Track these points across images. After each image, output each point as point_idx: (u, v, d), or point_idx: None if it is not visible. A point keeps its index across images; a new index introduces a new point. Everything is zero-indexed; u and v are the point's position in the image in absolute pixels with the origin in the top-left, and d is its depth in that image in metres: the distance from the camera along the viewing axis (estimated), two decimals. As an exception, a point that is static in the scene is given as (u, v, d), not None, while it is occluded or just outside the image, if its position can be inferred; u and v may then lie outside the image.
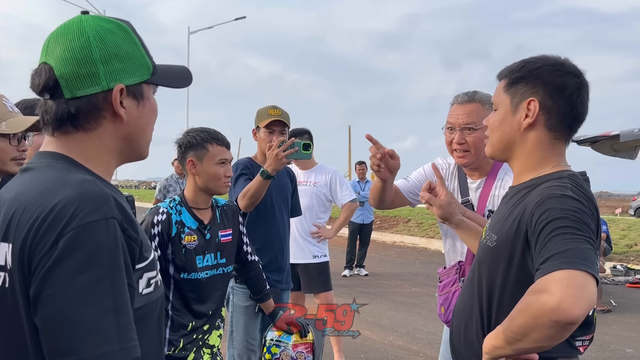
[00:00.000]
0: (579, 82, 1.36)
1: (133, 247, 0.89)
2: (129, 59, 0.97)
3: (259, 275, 2.40)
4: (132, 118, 0.98)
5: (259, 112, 2.90)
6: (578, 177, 1.32)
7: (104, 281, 0.81)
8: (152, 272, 0.96)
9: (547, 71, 1.35)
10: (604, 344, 5.19)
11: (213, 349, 2.15)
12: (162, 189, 6.68)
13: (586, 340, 1.41)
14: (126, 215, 0.89)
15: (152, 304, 0.97)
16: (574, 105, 1.35)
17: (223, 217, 2.23)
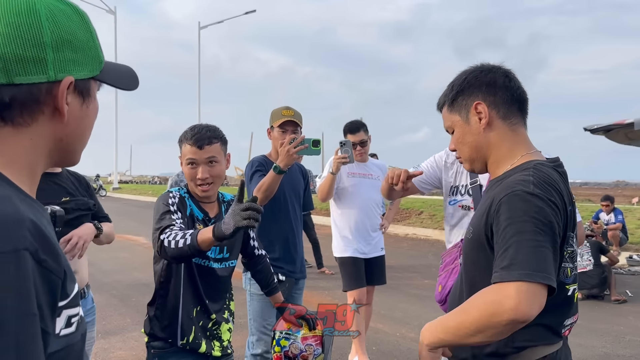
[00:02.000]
0: (503, 72, 1.46)
1: (53, 282, 0.71)
2: (82, 49, 0.82)
3: (266, 269, 2.41)
4: (74, 118, 0.83)
5: (273, 113, 3.10)
6: (544, 166, 1.35)
7: (5, 332, 0.63)
8: (74, 308, 0.78)
9: (473, 77, 1.46)
10: (619, 334, 5.14)
11: (223, 343, 2.17)
12: (173, 184, 6.71)
13: (574, 323, 1.44)
14: (44, 241, 0.71)
15: (74, 347, 0.79)
16: (512, 90, 1.44)
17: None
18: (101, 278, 7.51)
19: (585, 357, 4.53)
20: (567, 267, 1.34)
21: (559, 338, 1.38)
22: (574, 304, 1.41)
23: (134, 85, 0.96)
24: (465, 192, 2.33)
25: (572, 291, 1.38)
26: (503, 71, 1.46)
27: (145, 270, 7.85)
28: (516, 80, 1.46)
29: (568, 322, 1.41)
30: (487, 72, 1.46)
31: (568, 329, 1.43)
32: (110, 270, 8.12)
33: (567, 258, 1.34)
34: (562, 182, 1.34)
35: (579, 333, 5.18)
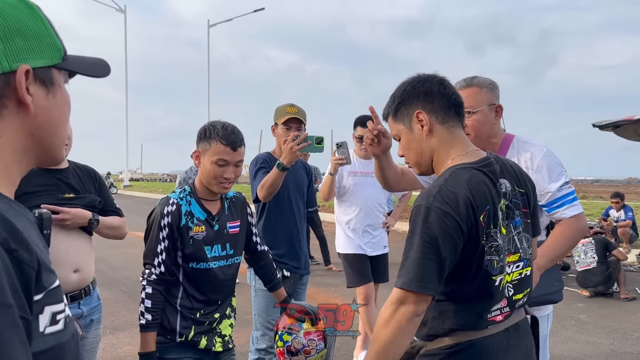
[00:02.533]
0: (438, 80, 1.58)
1: (26, 272, 0.69)
2: (34, 36, 0.80)
3: (269, 264, 2.43)
4: (41, 109, 0.80)
5: (277, 110, 3.12)
6: (463, 170, 1.47)
7: None
8: (58, 305, 0.75)
9: (411, 87, 1.58)
10: (627, 332, 5.12)
11: (225, 338, 2.19)
12: (182, 181, 6.74)
13: (504, 308, 1.51)
14: (13, 231, 0.69)
15: (65, 345, 0.76)
16: (448, 96, 1.55)
17: (231, 208, 2.25)
18: (111, 274, 7.58)
19: (593, 354, 4.51)
20: (493, 260, 1.45)
21: (486, 323, 1.48)
22: (499, 292, 1.49)
23: (105, 72, 0.93)
24: None
25: (499, 281, 1.48)
26: (438, 79, 1.58)
27: (154, 267, 7.90)
28: (450, 87, 1.58)
29: (495, 308, 1.49)
30: (423, 82, 1.58)
31: (498, 314, 1.50)
32: (120, 267, 8.19)
33: (493, 252, 1.45)
34: (483, 183, 1.45)
35: (586, 330, 5.16)
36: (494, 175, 1.50)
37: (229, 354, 2.23)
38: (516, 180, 1.57)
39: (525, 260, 1.56)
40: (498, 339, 1.50)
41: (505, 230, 1.49)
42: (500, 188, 1.50)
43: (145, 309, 2.00)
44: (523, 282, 1.56)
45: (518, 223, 1.54)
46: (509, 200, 1.51)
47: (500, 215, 1.47)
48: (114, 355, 4.40)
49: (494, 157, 1.56)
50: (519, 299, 1.55)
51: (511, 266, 1.52)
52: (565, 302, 6.26)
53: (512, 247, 1.52)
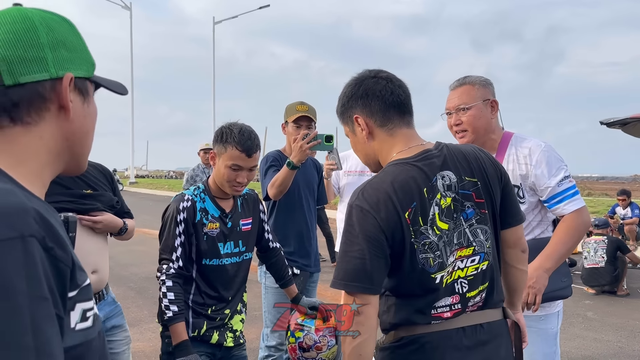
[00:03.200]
0: (375, 81, 1.54)
1: (62, 270, 0.73)
2: (75, 49, 0.89)
3: (280, 261, 2.45)
4: (77, 116, 0.88)
5: (287, 108, 3.13)
6: (396, 166, 1.47)
7: (19, 315, 0.64)
8: (88, 302, 0.79)
9: (350, 90, 1.57)
10: (634, 329, 5.11)
11: (236, 333, 2.22)
12: (189, 179, 6.77)
13: (454, 305, 1.47)
14: (52, 231, 0.73)
15: (92, 342, 0.80)
16: (385, 97, 1.52)
17: (244, 206, 2.27)
18: (119, 271, 7.63)
19: (600, 352, 4.52)
20: (429, 258, 1.44)
21: (429, 319, 1.46)
22: (443, 289, 1.46)
23: (124, 91, 1.02)
24: None
25: (440, 278, 1.45)
26: (374, 80, 1.54)
27: (162, 264, 7.95)
28: (389, 87, 1.53)
29: (441, 304, 1.46)
30: (361, 83, 1.55)
31: (446, 311, 1.46)
32: (128, 263, 8.24)
33: (426, 249, 1.43)
34: (411, 179, 1.44)
35: (594, 327, 5.17)
36: (430, 169, 1.46)
37: (240, 349, 2.26)
38: (466, 170, 1.50)
39: (482, 254, 1.49)
40: (446, 336, 1.45)
41: (446, 225, 1.45)
42: (437, 182, 1.46)
43: (169, 301, 2.02)
44: (479, 278, 1.49)
45: (470, 215, 1.48)
46: (454, 192, 1.47)
47: (434, 211, 1.44)
48: (123, 351, 4.43)
49: (439, 149, 1.52)
50: (473, 296, 1.48)
51: (464, 260, 1.47)
52: (572, 299, 6.25)
53: (464, 240, 1.47)
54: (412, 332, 1.47)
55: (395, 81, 1.55)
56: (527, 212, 2.16)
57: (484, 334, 1.48)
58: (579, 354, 4.44)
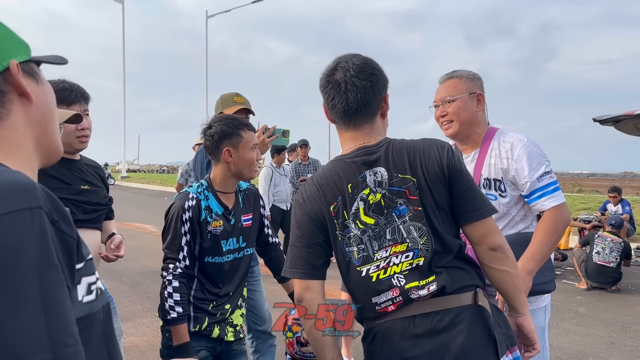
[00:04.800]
0: (326, 79, 1.58)
1: (68, 243, 0.75)
2: (6, 38, 0.87)
3: (279, 256, 2.46)
4: (38, 97, 0.89)
5: (223, 99, 3.08)
6: (332, 162, 1.58)
7: (28, 280, 0.66)
8: (92, 276, 0.82)
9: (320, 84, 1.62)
10: (626, 325, 5.17)
11: (236, 328, 2.22)
12: (183, 173, 6.78)
13: (395, 298, 1.49)
14: (57, 206, 0.75)
15: (96, 315, 0.82)
16: (331, 105, 1.58)
17: (245, 201, 2.28)
18: (112, 266, 7.54)
19: (592, 347, 4.56)
20: (353, 251, 1.51)
21: (376, 314, 1.51)
22: (374, 282, 1.50)
23: (64, 61, 1.00)
24: None
25: (365, 271, 1.50)
26: (327, 79, 1.58)
27: (154, 258, 7.93)
28: (337, 97, 1.55)
29: (382, 299, 1.50)
30: (322, 80, 1.59)
31: (389, 304, 1.49)
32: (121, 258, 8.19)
33: (351, 242, 1.51)
34: (338, 175, 1.54)
35: (585, 323, 5.21)
36: (360, 166, 1.52)
37: (240, 343, 2.26)
38: (399, 168, 1.51)
39: (416, 250, 1.48)
40: (392, 326, 1.49)
41: (372, 220, 1.50)
42: (367, 178, 1.51)
43: (174, 302, 2.02)
44: (417, 273, 1.48)
45: (403, 212, 1.50)
46: (384, 188, 1.50)
47: (358, 206, 1.50)
48: (117, 346, 4.42)
49: (380, 145, 1.54)
50: (415, 287, 1.47)
51: (399, 256, 1.49)
52: (564, 294, 6.32)
53: (399, 236, 1.49)
54: (368, 325, 1.57)
55: (355, 82, 1.53)
56: (509, 206, 2.17)
57: (439, 322, 1.45)
58: (571, 349, 4.48)
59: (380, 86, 1.56)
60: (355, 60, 1.55)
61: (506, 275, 1.55)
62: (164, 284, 2.06)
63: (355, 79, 1.52)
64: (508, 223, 2.19)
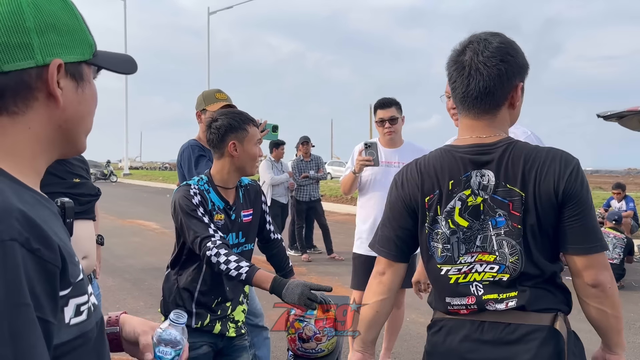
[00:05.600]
0: (453, 59, 1.47)
1: (50, 271, 0.70)
2: (68, 32, 0.81)
3: (281, 252, 2.45)
4: (70, 102, 0.82)
5: (205, 96, 3.04)
6: (430, 154, 1.54)
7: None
8: (82, 297, 0.78)
9: (448, 61, 1.52)
10: (629, 321, 5.15)
11: (238, 323, 2.22)
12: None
13: (470, 305, 1.45)
14: (37, 231, 0.69)
15: (88, 334, 0.79)
16: (455, 89, 1.47)
17: (246, 197, 2.26)
18: (114, 262, 7.61)
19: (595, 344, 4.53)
20: (437, 248, 1.48)
21: (445, 309, 1.51)
22: (453, 287, 1.46)
23: (132, 69, 0.95)
24: None
25: (445, 271, 1.47)
26: (453, 61, 1.48)
27: (157, 255, 7.94)
28: (465, 80, 1.43)
29: (456, 302, 1.46)
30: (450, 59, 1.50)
31: (463, 309, 1.46)
32: (123, 255, 8.22)
33: (437, 239, 1.47)
34: (442, 168, 1.46)
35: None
36: (469, 164, 1.42)
37: (241, 339, 2.26)
38: (511, 178, 1.39)
39: (502, 266, 1.41)
40: (460, 325, 1.47)
41: (466, 223, 1.43)
42: (471, 178, 1.42)
43: (236, 266, 1.93)
44: (497, 286, 1.42)
45: (500, 224, 1.40)
46: (487, 194, 1.41)
47: (454, 205, 1.43)
48: (120, 342, 4.42)
49: (498, 146, 1.42)
50: (493, 299, 1.42)
51: (483, 265, 1.43)
52: (568, 291, 6.29)
53: (489, 246, 1.42)
54: (437, 315, 1.57)
55: (481, 68, 1.40)
56: None
57: (508, 334, 1.40)
58: (575, 346, 4.47)
59: (512, 74, 1.40)
60: (489, 41, 1.40)
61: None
62: (217, 263, 1.94)
63: (482, 65, 1.38)
64: None
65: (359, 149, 3.45)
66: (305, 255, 8.11)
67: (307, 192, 8.13)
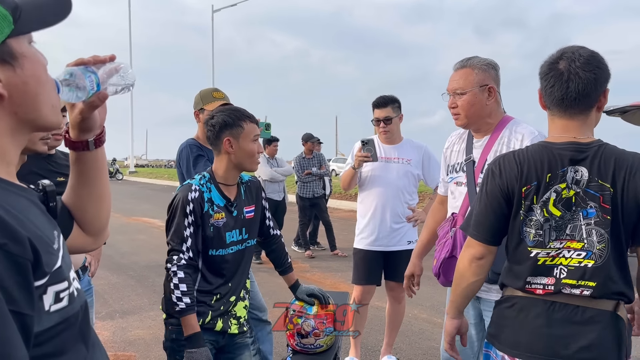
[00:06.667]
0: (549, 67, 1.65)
1: (20, 264, 0.69)
2: None
3: (280, 248, 2.46)
4: (14, 88, 0.77)
5: (202, 95, 3.07)
6: (528, 148, 1.68)
7: None
8: (61, 284, 0.77)
9: (542, 66, 1.68)
10: (632, 316, 5.14)
11: (240, 320, 2.22)
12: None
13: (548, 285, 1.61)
14: (4, 227, 0.69)
15: (70, 320, 0.79)
16: (553, 91, 1.63)
17: (247, 193, 2.28)
18: (119, 260, 7.66)
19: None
20: (530, 233, 1.63)
21: (522, 287, 1.66)
22: (539, 267, 1.63)
23: (65, 12, 0.84)
24: (460, 169, 2.37)
25: (535, 254, 1.63)
26: (557, 72, 1.62)
27: (161, 252, 7.94)
28: (563, 84, 1.60)
29: (539, 281, 1.63)
30: (551, 66, 1.63)
31: (540, 288, 1.63)
32: (128, 252, 8.26)
33: (531, 225, 1.63)
34: (541, 162, 1.61)
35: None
36: (561, 160, 1.60)
37: (243, 336, 2.26)
38: (603, 175, 1.57)
39: (590, 252, 1.59)
40: (534, 303, 1.63)
41: (559, 212, 1.60)
42: (564, 173, 1.59)
43: (181, 293, 2.01)
44: (582, 272, 1.58)
45: (591, 215, 1.58)
46: (580, 188, 1.58)
47: (550, 196, 1.60)
48: (124, 339, 4.46)
49: (591, 146, 1.60)
50: (570, 284, 1.59)
51: (571, 252, 1.60)
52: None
53: (577, 234, 1.59)
54: (510, 292, 1.71)
55: (575, 74, 1.58)
56: None
57: (576, 315, 1.58)
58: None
59: (603, 80, 1.61)
60: (582, 52, 1.61)
61: None
62: (169, 277, 2.05)
63: (580, 70, 1.58)
64: None
65: (359, 146, 3.48)
66: (308, 252, 8.14)
67: (310, 189, 8.16)
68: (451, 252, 2.25)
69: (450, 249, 2.26)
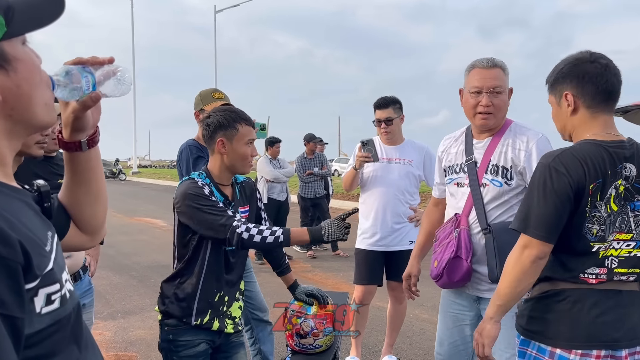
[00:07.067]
0: (593, 65, 1.68)
1: (10, 267, 0.69)
2: None
3: (279, 250, 2.47)
4: (8, 92, 0.77)
5: (202, 96, 3.08)
6: (583, 145, 1.68)
7: None
8: (52, 286, 0.77)
9: (569, 67, 1.73)
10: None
11: (235, 320, 2.23)
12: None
13: (600, 275, 1.68)
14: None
15: (62, 321, 0.79)
16: (597, 83, 1.67)
17: (242, 193, 2.28)
18: (121, 260, 7.67)
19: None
20: (593, 229, 1.66)
21: (576, 279, 1.70)
22: (595, 258, 1.68)
23: (58, 11, 0.83)
24: (460, 170, 2.36)
25: (597, 248, 1.68)
26: (594, 65, 1.68)
27: (164, 252, 7.99)
28: (605, 75, 1.67)
29: (592, 271, 1.69)
30: (578, 65, 1.70)
31: (592, 278, 1.69)
32: (130, 252, 8.28)
33: (594, 221, 1.66)
34: (601, 159, 1.64)
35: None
36: (619, 157, 1.66)
37: (238, 335, 2.27)
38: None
39: (639, 242, 1.69)
40: (587, 294, 1.68)
41: (616, 207, 1.67)
42: (621, 170, 1.65)
43: (270, 232, 1.99)
44: (631, 261, 1.69)
45: (638, 207, 1.68)
46: (629, 183, 1.66)
47: (611, 192, 1.66)
48: (125, 339, 4.47)
49: (630, 144, 1.70)
50: (621, 273, 1.69)
51: (620, 243, 1.68)
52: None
53: (626, 226, 1.68)
54: (556, 286, 1.73)
55: (612, 69, 1.69)
56: (512, 194, 2.23)
57: (622, 299, 1.69)
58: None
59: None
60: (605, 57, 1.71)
61: None
62: (250, 237, 1.98)
63: (615, 70, 1.70)
64: (506, 210, 2.24)
65: (359, 146, 3.49)
66: (310, 252, 8.14)
67: (311, 189, 8.17)
68: (456, 253, 2.26)
69: (455, 249, 2.26)
